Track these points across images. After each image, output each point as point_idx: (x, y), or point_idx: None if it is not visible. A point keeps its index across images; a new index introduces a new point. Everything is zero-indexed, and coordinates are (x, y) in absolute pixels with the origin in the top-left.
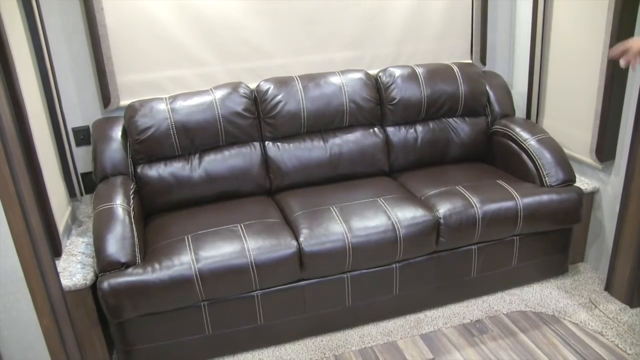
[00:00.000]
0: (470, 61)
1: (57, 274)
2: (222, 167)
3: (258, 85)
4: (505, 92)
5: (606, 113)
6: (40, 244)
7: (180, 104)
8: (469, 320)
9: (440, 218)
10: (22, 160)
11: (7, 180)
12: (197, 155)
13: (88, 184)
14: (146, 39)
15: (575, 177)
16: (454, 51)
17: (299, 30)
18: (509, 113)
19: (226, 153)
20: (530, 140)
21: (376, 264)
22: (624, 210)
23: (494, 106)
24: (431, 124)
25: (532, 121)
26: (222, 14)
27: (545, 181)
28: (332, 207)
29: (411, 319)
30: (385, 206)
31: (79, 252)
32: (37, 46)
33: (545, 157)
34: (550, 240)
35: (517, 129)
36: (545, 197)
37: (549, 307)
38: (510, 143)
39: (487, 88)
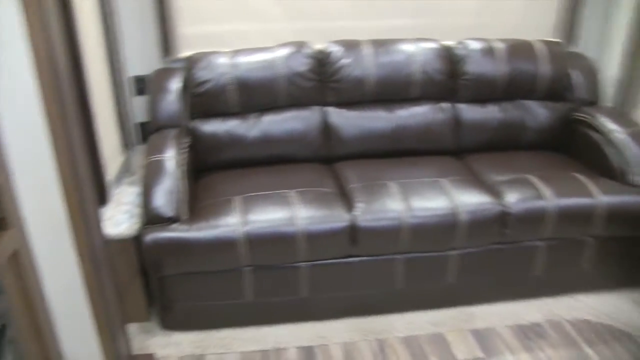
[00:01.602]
0: (555, 39)
1: (100, 221)
2: (280, 129)
3: (325, 47)
4: (592, 76)
5: None
6: (86, 189)
7: (241, 59)
8: (526, 322)
9: (506, 207)
10: (73, 102)
11: (57, 121)
12: (254, 115)
13: (145, 134)
14: None
15: None
16: (538, 27)
17: None
18: (594, 100)
19: (285, 115)
20: (616, 132)
21: (432, 248)
22: None
23: (578, 91)
24: (506, 105)
25: (621, 111)
26: None
27: (631, 179)
28: (391, 183)
29: (463, 311)
30: (448, 188)
31: (128, 202)
32: None
33: (632, 152)
34: (631, 246)
35: (603, 119)
36: (629, 198)
37: (621, 320)
38: (593, 133)
39: (572, 70)
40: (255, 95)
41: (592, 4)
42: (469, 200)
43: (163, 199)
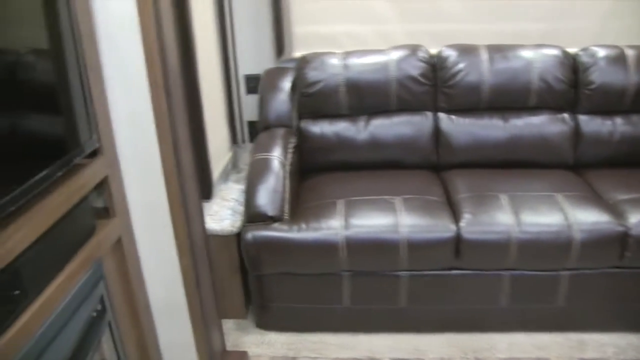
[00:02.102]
0: None
1: (202, 216)
2: (389, 134)
3: (439, 51)
4: None
5: None
6: (189, 184)
7: (353, 60)
8: None
9: (629, 229)
10: (182, 98)
11: (164, 114)
12: (364, 117)
13: (253, 132)
14: None
15: None
16: None
17: None
18: None
19: (395, 119)
20: None
21: (542, 267)
22: None
23: None
24: (634, 118)
25: None
26: None
27: None
28: (502, 195)
29: (573, 338)
30: (564, 204)
31: (232, 198)
32: None
33: None
34: None
35: None
36: None
37: None
38: None
39: None
40: (366, 97)
41: None
42: (585, 218)
43: (266, 197)
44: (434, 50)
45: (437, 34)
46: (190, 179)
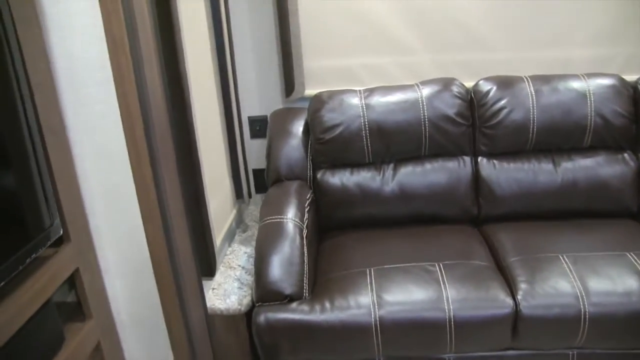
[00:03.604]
0: None
1: (203, 301)
2: (421, 183)
3: (476, 85)
4: None
5: None
6: (185, 265)
7: (377, 99)
8: None
9: None
10: (173, 158)
11: (149, 186)
12: (391, 165)
13: (260, 181)
14: (342, 17)
15: None
16: None
17: (529, 17)
18: None
19: (427, 166)
20: None
21: (617, 345)
22: None
23: None
24: None
25: None
26: None
27: None
28: (562, 256)
29: None
30: (636, 265)
31: (239, 266)
32: (216, 16)
33: None
34: None
35: None
36: None
37: None
38: None
39: None
40: (393, 142)
41: None
42: None
43: (280, 271)
44: (468, 84)
45: (470, 65)
46: (187, 260)
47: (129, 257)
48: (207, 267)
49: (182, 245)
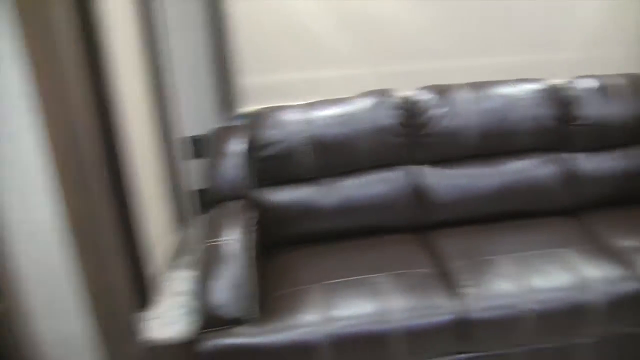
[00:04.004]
0: None
1: (137, 336)
2: (362, 195)
3: (413, 94)
4: None
5: None
6: (119, 300)
7: (316, 114)
8: None
9: None
10: (100, 186)
11: (80, 220)
12: (332, 179)
13: (204, 202)
14: (278, 32)
15: None
16: None
17: (462, 28)
18: None
19: (369, 177)
20: None
21: (562, 338)
22: None
23: None
24: (625, 153)
25: None
26: (371, 4)
27: None
28: (502, 257)
29: None
30: (572, 260)
31: (183, 292)
32: (149, 39)
33: None
34: None
35: None
36: None
37: None
38: None
39: None
40: (334, 156)
41: None
42: (596, 275)
43: (225, 294)
44: (406, 94)
45: (406, 75)
46: (121, 295)
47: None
48: (144, 298)
49: (116, 279)
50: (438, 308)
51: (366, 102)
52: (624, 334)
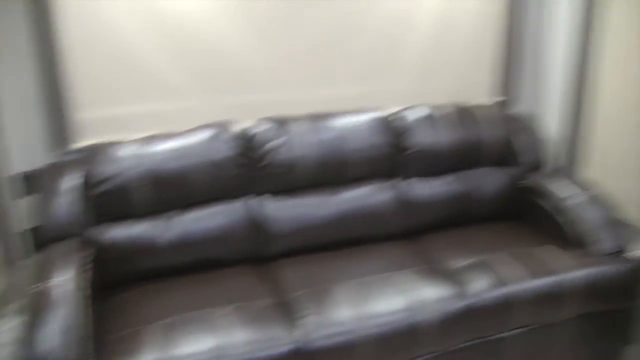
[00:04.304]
0: (497, 101)
1: None
2: (201, 228)
3: (252, 126)
4: (536, 137)
5: None
6: None
7: (152, 148)
8: None
9: (471, 299)
10: None
11: None
12: (170, 214)
13: (35, 241)
14: (112, 64)
15: (628, 242)
16: (480, 89)
17: (302, 59)
18: (541, 162)
19: (207, 211)
20: (567, 200)
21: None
22: None
23: (524, 155)
24: (454, 177)
25: (569, 174)
26: (209, 35)
27: (590, 250)
28: (341, 285)
29: None
30: (405, 283)
31: (12, 341)
32: None
33: (587, 220)
34: (604, 322)
35: (551, 186)
36: (592, 271)
37: None
38: (544, 202)
39: (516, 133)
40: (171, 190)
41: (526, 61)
42: (430, 295)
43: (56, 340)
44: (245, 125)
45: (246, 106)
46: None
47: None
48: None
49: None
50: (278, 339)
51: (204, 135)
52: (457, 350)
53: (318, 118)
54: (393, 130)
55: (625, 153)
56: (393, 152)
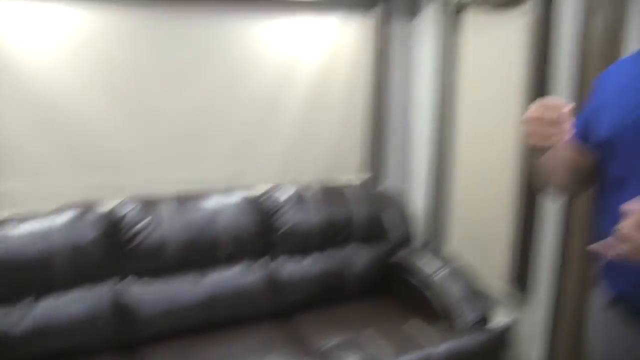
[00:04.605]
0: (364, 178)
1: None
2: (64, 315)
3: (117, 206)
4: (404, 213)
5: (522, 235)
6: None
7: (7, 231)
8: None
9: None
10: None
11: None
12: (27, 301)
13: None
14: None
15: (489, 314)
16: (348, 166)
17: (172, 137)
18: (408, 239)
19: (70, 296)
20: (433, 275)
21: None
22: (552, 342)
23: (391, 232)
24: (325, 254)
25: (434, 249)
26: (73, 110)
27: (455, 322)
28: None
29: None
30: None
31: None
32: None
33: (451, 293)
34: None
35: (418, 261)
36: (455, 343)
37: None
38: (412, 278)
39: (384, 210)
40: (29, 276)
41: (392, 139)
42: None
43: None
44: (110, 206)
45: (112, 186)
46: None
47: None
48: None
49: None
50: None
51: (65, 217)
52: None
53: (187, 198)
54: (263, 210)
55: (481, 226)
56: (263, 232)
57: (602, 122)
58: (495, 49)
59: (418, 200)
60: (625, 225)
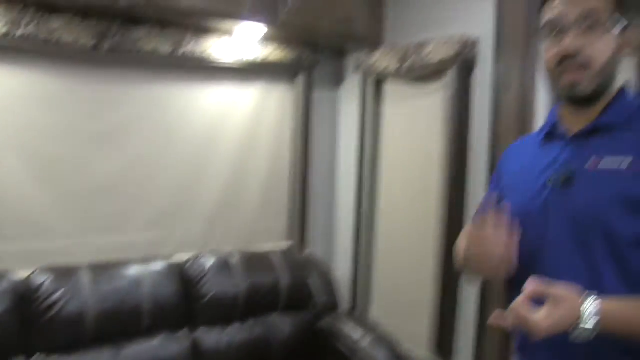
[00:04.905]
0: (289, 245)
1: None
2: None
3: (30, 276)
4: (329, 280)
5: (443, 302)
6: None
7: None
8: None
9: None
10: None
11: None
12: None
13: None
14: None
15: None
16: (272, 233)
17: (90, 202)
18: (334, 305)
19: None
20: (358, 341)
21: None
22: None
23: (318, 298)
24: (250, 323)
25: (360, 316)
26: None
27: None
28: None
29: None
30: None
31: None
32: None
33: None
34: None
35: (344, 328)
36: None
37: None
38: (339, 344)
39: (309, 276)
40: None
41: (316, 206)
42: None
43: None
44: (22, 276)
45: (25, 255)
46: None
47: None
48: None
49: None
50: None
51: None
52: None
53: (103, 267)
54: (185, 279)
55: (404, 292)
56: (185, 302)
57: (509, 204)
58: (416, 119)
59: (342, 266)
60: (516, 301)
